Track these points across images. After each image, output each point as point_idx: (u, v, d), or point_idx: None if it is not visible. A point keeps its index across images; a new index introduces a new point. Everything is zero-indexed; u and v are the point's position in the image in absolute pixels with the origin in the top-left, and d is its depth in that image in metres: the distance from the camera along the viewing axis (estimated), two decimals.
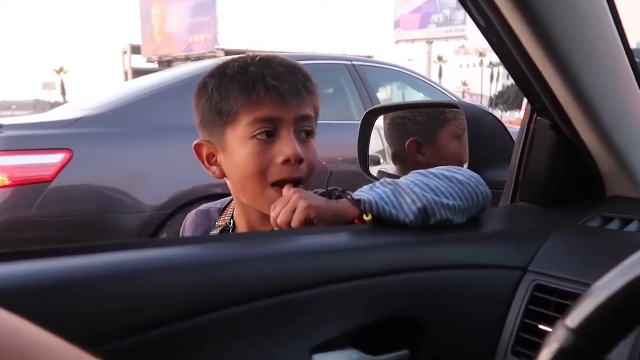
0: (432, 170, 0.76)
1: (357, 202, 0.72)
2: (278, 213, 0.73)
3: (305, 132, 0.80)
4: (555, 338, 0.37)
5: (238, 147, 0.79)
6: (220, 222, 0.91)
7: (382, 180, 0.76)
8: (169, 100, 2.86)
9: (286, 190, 0.76)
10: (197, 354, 0.53)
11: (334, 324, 0.61)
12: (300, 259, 0.62)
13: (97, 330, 0.47)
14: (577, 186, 0.86)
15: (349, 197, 0.73)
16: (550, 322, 0.65)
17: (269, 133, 0.77)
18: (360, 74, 3.45)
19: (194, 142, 0.87)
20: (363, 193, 0.73)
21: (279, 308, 0.57)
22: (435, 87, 3.93)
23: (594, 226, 0.78)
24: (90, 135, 2.67)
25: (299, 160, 0.77)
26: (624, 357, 0.56)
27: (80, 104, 3.36)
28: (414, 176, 0.75)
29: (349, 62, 3.50)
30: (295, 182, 0.78)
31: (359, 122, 1.09)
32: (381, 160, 1.28)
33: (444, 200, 0.71)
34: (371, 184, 0.75)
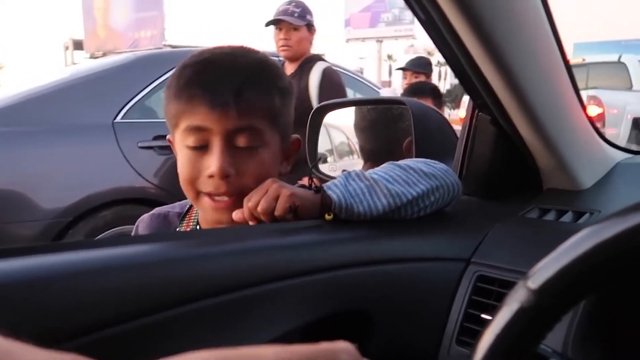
0: (410, 163, 0.76)
1: (328, 199, 0.70)
2: (256, 202, 0.69)
3: (243, 141, 0.73)
4: (516, 298, 0.40)
5: (179, 152, 0.77)
6: (184, 227, 0.87)
7: (358, 172, 0.74)
8: (72, 97, 2.67)
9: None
10: (147, 353, 0.51)
11: (285, 320, 0.60)
12: (250, 256, 0.62)
13: (57, 327, 0.47)
14: (516, 180, 0.90)
15: (323, 192, 0.71)
16: (492, 311, 0.67)
17: (200, 143, 0.73)
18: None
19: (168, 136, 0.83)
20: (336, 189, 0.71)
21: (230, 305, 0.57)
22: (360, 81, 3.79)
23: (532, 217, 0.81)
24: None
25: (226, 176, 0.72)
26: (559, 340, 0.59)
27: None
28: (392, 170, 0.75)
29: (277, 58, 3.47)
30: (231, 197, 0.74)
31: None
32: (329, 159, 1.29)
33: (420, 201, 0.74)
34: (346, 175, 0.73)
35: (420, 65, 3.15)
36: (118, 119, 2.68)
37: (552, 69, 0.77)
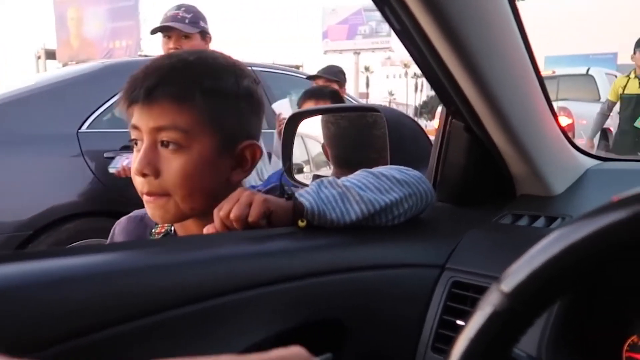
0: (383, 171, 0.76)
1: (300, 206, 0.69)
2: (227, 211, 0.68)
3: (164, 142, 0.72)
4: (489, 302, 0.39)
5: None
6: (159, 230, 0.86)
7: (331, 179, 0.73)
8: (34, 106, 2.57)
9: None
10: None
11: (257, 329, 0.59)
12: (223, 264, 0.60)
13: (20, 339, 0.45)
14: (490, 186, 0.91)
15: (294, 199, 0.71)
16: (468, 317, 0.67)
17: (136, 142, 0.75)
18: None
19: None
20: (308, 196, 0.70)
21: (200, 315, 0.55)
22: (291, 75, 3.64)
23: (505, 223, 0.82)
24: None
25: (142, 174, 0.73)
26: (534, 342, 0.59)
27: None
28: (365, 177, 0.75)
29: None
30: (158, 197, 0.74)
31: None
32: (305, 169, 1.28)
33: (394, 208, 0.73)
34: (319, 183, 0.73)
35: (332, 73, 3.09)
36: (83, 128, 2.59)
37: (524, 78, 0.78)
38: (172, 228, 0.85)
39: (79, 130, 2.57)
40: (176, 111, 0.72)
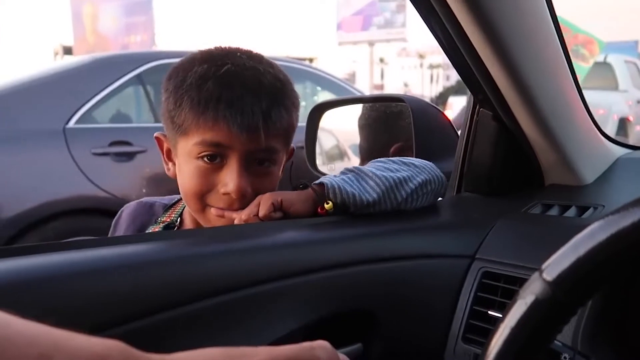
0: (391, 158, 0.79)
1: (321, 186, 0.71)
2: (245, 215, 0.70)
3: (260, 161, 0.73)
4: (531, 290, 0.39)
5: (184, 162, 0.74)
6: (165, 219, 0.86)
7: (343, 169, 0.76)
8: (20, 102, 2.50)
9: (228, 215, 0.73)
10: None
11: (287, 319, 0.59)
12: (254, 255, 0.60)
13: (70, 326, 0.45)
14: (518, 176, 0.89)
15: (312, 186, 0.72)
16: (499, 308, 0.66)
17: (215, 157, 0.71)
18: None
19: (155, 134, 0.81)
20: (325, 178, 0.72)
21: (231, 305, 0.55)
22: (342, 85, 3.55)
23: (535, 213, 0.80)
24: None
25: (242, 196, 0.71)
26: (570, 332, 0.58)
27: None
28: (374, 164, 0.78)
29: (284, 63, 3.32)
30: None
31: None
32: (317, 161, 1.26)
33: (408, 182, 0.74)
34: (332, 175, 0.74)
35: None
36: (70, 124, 2.51)
37: (556, 65, 0.76)
38: (179, 219, 0.85)
39: (66, 126, 2.49)
40: (278, 134, 0.73)
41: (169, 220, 0.85)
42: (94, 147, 2.52)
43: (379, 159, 0.79)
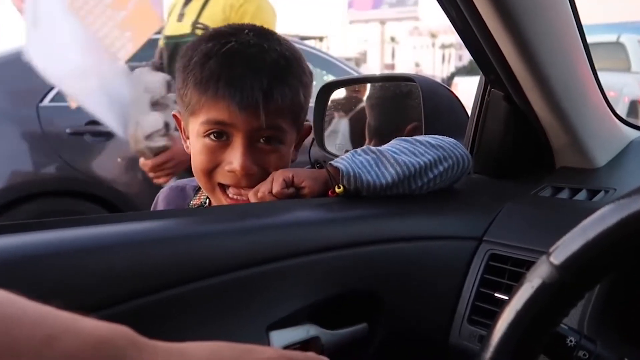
0: (418, 137, 0.76)
1: (336, 170, 0.70)
2: (256, 191, 0.71)
3: (266, 139, 0.73)
4: (538, 273, 0.39)
5: (194, 141, 0.75)
6: (196, 201, 0.87)
7: (364, 147, 0.73)
8: None
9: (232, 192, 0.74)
10: (151, 331, 0.51)
11: (292, 299, 0.59)
12: (260, 234, 0.60)
13: (79, 301, 0.46)
14: (528, 158, 0.88)
15: (327, 166, 0.71)
16: (505, 290, 0.66)
17: (220, 135, 0.72)
18: None
19: (173, 112, 0.82)
20: (343, 161, 0.70)
21: (236, 284, 0.56)
22: (342, 67, 3.35)
23: (545, 196, 0.79)
24: None
25: (247, 174, 0.72)
26: (576, 316, 0.57)
27: None
28: (399, 143, 0.74)
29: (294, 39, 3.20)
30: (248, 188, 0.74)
31: None
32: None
33: (429, 171, 0.72)
34: (353, 151, 0.73)
35: None
36: (45, 102, 2.38)
37: (570, 44, 0.74)
38: (208, 200, 0.85)
39: (39, 104, 2.38)
40: (282, 112, 0.72)
41: (199, 202, 0.87)
42: (69, 127, 2.39)
43: (405, 138, 0.76)
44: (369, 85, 1.12)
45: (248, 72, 0.69)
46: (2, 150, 2.34)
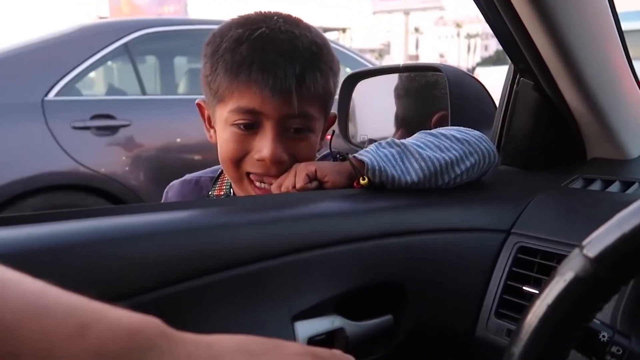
0: (443, 131, 0.75)
1: (360, 163, 0.69)
2: (279, 185, 0.71)
3: (296, 129, 0.72)
4: (571, 266, 0.38)
5: (221, 129, 0.75)
6: (217, 192, 0.86)
7: (389, 140, 0.73)
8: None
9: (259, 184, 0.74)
10: (176, 322, 0.51)
11: (317, 290, 0.59)
12: (285, 225, 0.60)
13: (107, 290, 0.45)
14: (558, 149, 0.86)
15: (352, 159, 0.71)
16: (534, 283, 0.64)
17: (249, 125, 0.71)
18: None
19: (197, 101, 0.82)
20: (367, 153, 0.70)
21: (262, 274, 0.56)
22: (359, 60, 3.22)
23: (576, 188, 0.77)
24: None
25: (277, 162, 0.71)
26: (609, 310, 0.56)
27: None
28: (424, 137, 0.73)
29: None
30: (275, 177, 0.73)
31: None
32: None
33: (455, 167, 0.71)
34: (377, 144, 0.72)
35: None
36: (50, 96, 2.39)
37: (604, 32, 0.72)
38: (231, 190, 0.85)
39: (45, 98, 2.39)
40: (313, 99, 0.72)
41: (222, 193, 0.86)
42: (74, 121, 2.42)
43: (430, 132, 0.74)
44: (396, 76, 1.10)
45: (280, 58, 0.68)
46: (8, 144, 2.36)
